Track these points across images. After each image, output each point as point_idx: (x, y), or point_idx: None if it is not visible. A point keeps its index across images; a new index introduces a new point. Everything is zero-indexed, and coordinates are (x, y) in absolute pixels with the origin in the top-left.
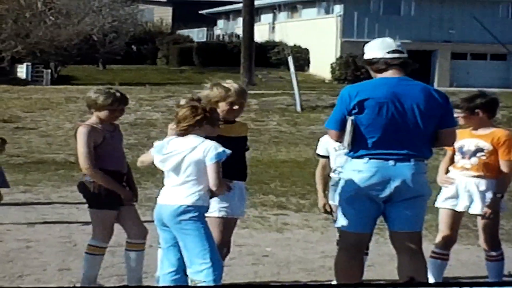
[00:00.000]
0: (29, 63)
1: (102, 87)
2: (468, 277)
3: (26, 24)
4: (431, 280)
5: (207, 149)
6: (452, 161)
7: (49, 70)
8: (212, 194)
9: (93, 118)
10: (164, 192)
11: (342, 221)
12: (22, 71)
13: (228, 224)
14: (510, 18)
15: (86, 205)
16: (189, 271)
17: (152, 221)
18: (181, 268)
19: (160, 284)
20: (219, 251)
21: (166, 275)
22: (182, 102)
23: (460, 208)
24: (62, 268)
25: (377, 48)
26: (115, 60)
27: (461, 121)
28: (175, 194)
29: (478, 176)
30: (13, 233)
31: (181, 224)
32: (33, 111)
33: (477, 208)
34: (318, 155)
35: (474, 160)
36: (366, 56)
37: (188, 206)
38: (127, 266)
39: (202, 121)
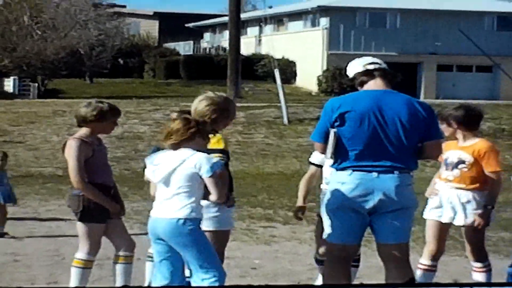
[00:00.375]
0: (16, 77)
1: (93, 100)
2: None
3: (13, 38)
4: None
5: (199, 163)
6: None
7: (36, 84)
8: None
9: (82, 131)
10: (156, 205)
11: (327, 232)
12: (9, 84)
13: (220, 237)
14: (496, 30)
15: (74, 219)
16: (193, 282)
17: (140, 234)
18: (175, 281)
19: None
20: None
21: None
22: (174, 115)
23: (445, 219)
24: (50, 281)
25: (356, 64)
26: (102, 74)
27: (446, 133)
28: (168, 207)
29: (459, 188)
30: (0, 247)
31: (178, 237)
32: (20, 125)
33: (460, 219)
34: (310, 163)
35: (456, 172)
36: (349, 75)
37: (182, 219)
38: (116, 279)
39: (195, 134)
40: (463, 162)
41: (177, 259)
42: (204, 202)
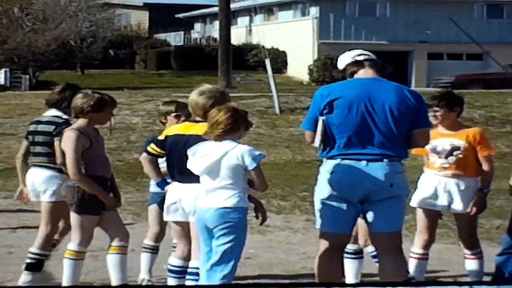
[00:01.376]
0: (7, 69)
1: (89, 90)
2: (450, 276)
3: (3, 30)
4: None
5: (243, 155)
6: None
7: (28, 76)
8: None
9: (79, 122)
10: (204, 195)
11: (320, 221)
12: (0, 77)
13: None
14: (485, 18)
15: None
16: (212, 272)
17: (133, 224)
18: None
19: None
20: None
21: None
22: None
23: (439, 207)
24: (44, 273)
25: (346, 57)
26: (93, 65)
27: (435, 121)
28: (215, 197)
29: (457, 175)
30: None
31: (224, 225)
32: (12, 117)
33: (458, 206)
34: None
35: (451, 159)
36: (339, 67)
37: (230, 208)
38: (111, 269)
39: (240, 126)
40: (457, 148)
41: None
42: None
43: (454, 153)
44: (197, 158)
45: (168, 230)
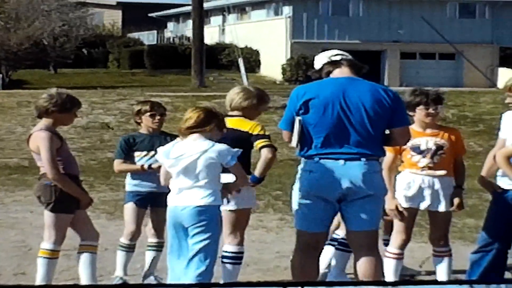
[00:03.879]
0: None
1: (53, 90)
2: (424, 274)
3: None
4: (391, 279)
5: (222, 153)
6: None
7: (0, 75)
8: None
9: (45, 122)
10: (179, 193)
11: (297, 220)
12: None
13: (242, 215)
14: (458, 17)
15: (42, 209)
16: (187, 270)
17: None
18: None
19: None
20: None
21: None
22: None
23: (423, 206)
24: (17, 272)
25: (323, 56)
26: (66, 64)
27: (427, 119)
28: (190, 195)
29: (442, 175)
30: None
31: (198, 224)
32: None
33: (442, 205)
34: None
35: (436, 158)
36: (316, 67)
37: (205, 206)
38: (81, 268)
39: (214, 126)
40: (441, 148)
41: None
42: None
43: (439, 152)
44: (172, 159)
45: (144, 229)
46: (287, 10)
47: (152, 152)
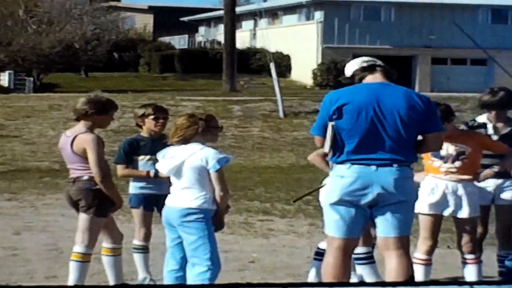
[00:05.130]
0: (12, 71)
1: (92, 94)
2: (451, 278)
3: (8, 32)
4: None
5: (206, 157)
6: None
7: (32, 78)
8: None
9: (85, 125)
10: (171, 195)
11: (328, 226)
12: (4, 79)
13: None
14: (490, 23)
15: (73, 212)
16: (188, 271)
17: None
18: (184, 266)
19: (164, 281)
20: None
21: (170, 272)
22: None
23: (447, 212)
24: (49, 275)
25: (353, 64)
26: (97, 68)
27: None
28: (181, 197)
29: (466, 180)
30: None
31: (186, 225)
32: (16, 119)
33: (466, 212)
34: None
35: (458, 163)
36: (347, 75)
37: (193, 208)
38: (108, 271)
39: (198, 131)
40: (463, 153)
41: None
42: None
43: (460, 157)
44: (165, 160)
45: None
46: (318, 15)
47: (155, 156)
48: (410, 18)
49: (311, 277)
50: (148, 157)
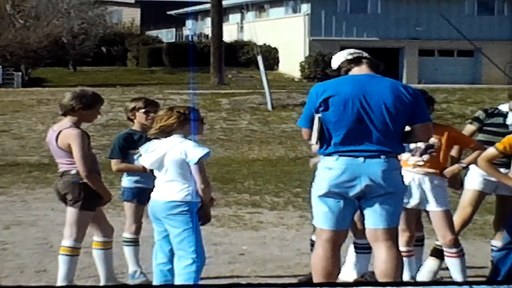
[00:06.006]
0: (0, 66)
1: (77, 89)
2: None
3: None
4: (406, 276)
5: (185, 150)
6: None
7: (20, 73)
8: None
9: (71, 120)
10: (156, 188)
11: (316, 218)
12: None
13: None
14: (476, 14)
15: (63, 206)
16: (175, 264)
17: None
18: (173, 259)
19: (154, 274)
20: None
21: (158, 265)
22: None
23: (411, 205)
24: (39, 269)
25: (339, 56)
26: (85, 62)
27: None
28: (165, 190)
29: (432, 173)
30: None
31: (171, 218)
32: (5, 114)
33: (432, 205)
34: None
35: (425, 157)
36: (333, 66)
37: (177, 201)
38: (98, 265)
39: (177, 123)
40: (432, 146)
41: None
42: None
43: (428, 151)
44: (148, 153)
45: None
46: (305, 7)
47: None
48: (397, 10)
49: None
50: None
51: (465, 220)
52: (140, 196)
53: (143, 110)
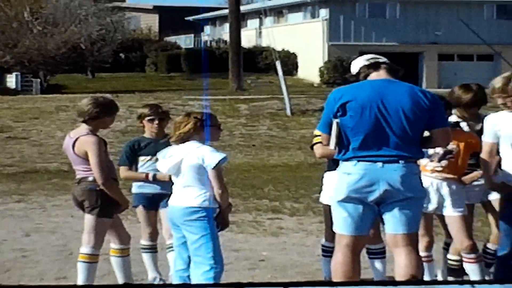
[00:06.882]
0: (18, 73)
1: (95, 95)
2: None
3: (13, 34)
4: None
5: (202, 155)
6: None
7: (39, 80)
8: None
9: (89, 127)
10: (173, 194)
11: (336, 223)
12: (11, 80)
13: None
14: (495, 18)
15: (82, 213)
16: (191, 271)
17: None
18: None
19: (173, 280)
20: None
21: (177, 271)
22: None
23: (430, 209)
24: (59, 277)
25: (358, 61)
26: (103, 68)
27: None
28: (182, 196)
29: (450, 179)
30: (8, 243)
31: (188, 224)
32: (24, 121)
33: (449, 210)
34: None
35: (444, 162)
36: (352, 72)
37: (195, 207)
38: (117, 272)
39: (194, 129)
40: (450, 152)
41: None
42: None
43: (447, 156)
44: (165, 159)
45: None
46: (323, 12)
47: (156, 157)
48: (416, 14)
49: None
50: (148, 157)
51: None
52: (148, 201)
53: (147, 118)
